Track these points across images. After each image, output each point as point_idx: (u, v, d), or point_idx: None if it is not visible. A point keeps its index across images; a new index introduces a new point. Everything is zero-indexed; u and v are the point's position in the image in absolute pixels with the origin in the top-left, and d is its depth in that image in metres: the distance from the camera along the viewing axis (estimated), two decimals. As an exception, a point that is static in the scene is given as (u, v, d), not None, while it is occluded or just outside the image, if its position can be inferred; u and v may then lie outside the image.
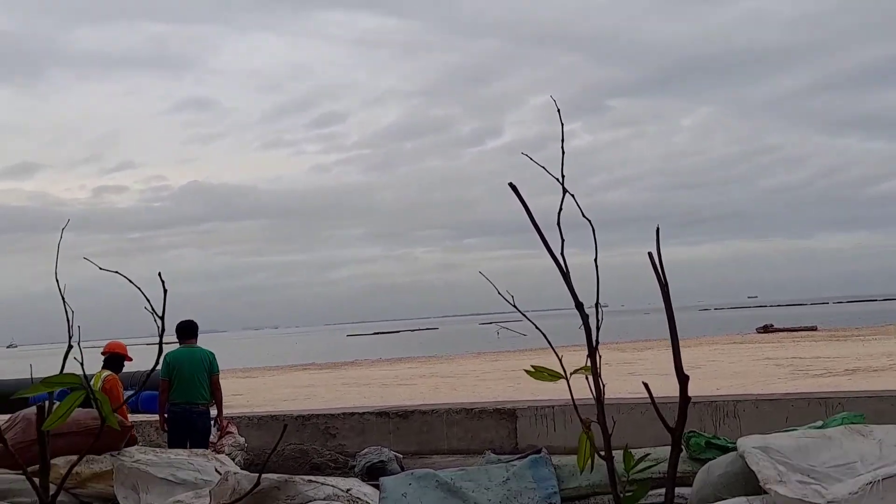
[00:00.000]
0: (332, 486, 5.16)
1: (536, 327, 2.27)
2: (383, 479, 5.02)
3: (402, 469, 10.34)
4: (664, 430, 2.10)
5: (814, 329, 58.68)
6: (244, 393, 30.95)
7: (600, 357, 2.14)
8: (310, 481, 5.21)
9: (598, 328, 2.11)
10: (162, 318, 1.98)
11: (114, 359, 10.83)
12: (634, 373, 26.30)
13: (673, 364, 2.01)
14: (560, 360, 2.13)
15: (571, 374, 2.14)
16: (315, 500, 4.89)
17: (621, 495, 2.01)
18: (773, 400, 10.69)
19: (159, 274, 1.94)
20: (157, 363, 1.98)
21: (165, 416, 10.53)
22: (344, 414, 12.98)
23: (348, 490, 5.17)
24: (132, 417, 11.82)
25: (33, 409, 7.36)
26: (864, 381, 22.61)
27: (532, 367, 2.14)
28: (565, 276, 2.18)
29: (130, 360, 11.14)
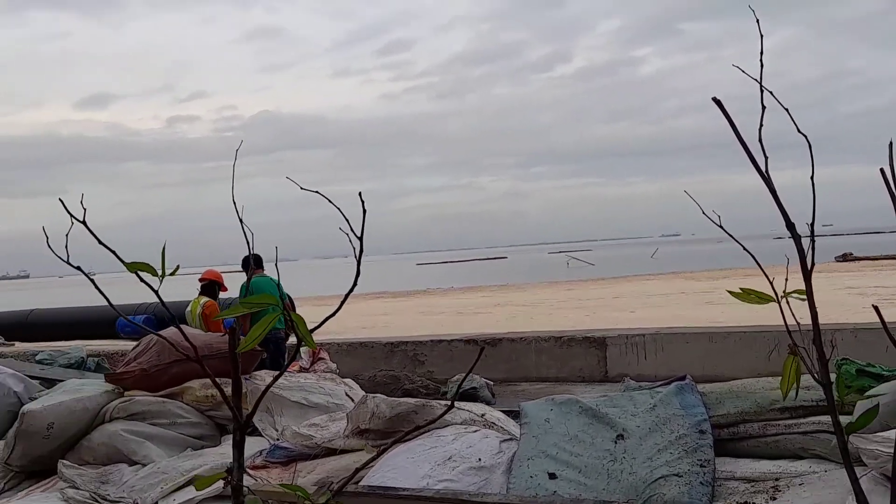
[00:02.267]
0: (468, 410, 5.16)
1: (744, 248, 2.15)
2: (523, 405, 4.98)
3: (493, 396, 10.36)
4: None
5: (896, 258, 57.27)
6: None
7: (808, 282, 2.02)
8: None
9: (812, 251, 1.99)
10: (361, 238, 1.93)
11: (210, 285, 11.05)
12: (722, 301, 26.13)
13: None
14: (771, 283, 2.01)
15: (782, 296, 2.02)
16: (452, 423, 4.90)
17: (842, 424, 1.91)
18: (872, 329, 10.36)
19: (360, 194, 1.89)
20: (354, 284, 1.94)
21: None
22: (432, 341, 13.05)
23: (482, 415, 5.16)
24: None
25: (167, 331, 7.44)
26: (955, 310, 22.02)
27: (741, 289, 2.03)
28: (774, 193, 2.07)
29: (226, 289, 11.33)
